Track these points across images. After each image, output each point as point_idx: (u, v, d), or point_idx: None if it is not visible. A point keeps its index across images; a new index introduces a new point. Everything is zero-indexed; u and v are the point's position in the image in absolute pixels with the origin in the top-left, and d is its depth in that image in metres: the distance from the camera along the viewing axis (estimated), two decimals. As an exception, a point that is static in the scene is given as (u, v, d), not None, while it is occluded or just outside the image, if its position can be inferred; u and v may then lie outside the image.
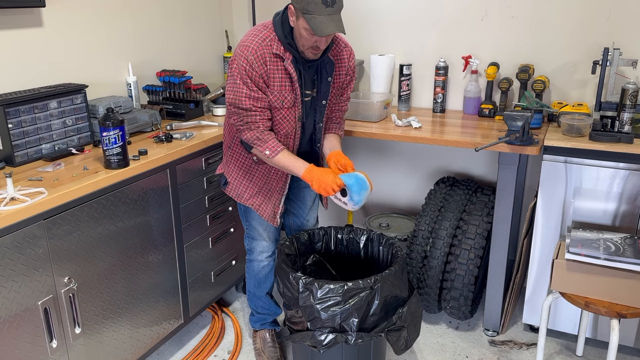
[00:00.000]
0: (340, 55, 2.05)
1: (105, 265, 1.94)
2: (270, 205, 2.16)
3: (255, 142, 1.95)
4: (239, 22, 3.30)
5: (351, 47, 2.11)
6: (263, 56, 1.87)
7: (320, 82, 2.02)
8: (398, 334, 1.96)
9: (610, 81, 2.34)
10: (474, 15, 2.73)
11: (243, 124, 1.94)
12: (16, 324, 1.66)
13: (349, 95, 2.19)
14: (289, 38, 1.89)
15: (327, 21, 1.77)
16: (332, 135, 2.18)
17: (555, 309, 2.39)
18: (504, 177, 2.30)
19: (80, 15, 2.35)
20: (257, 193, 2.15)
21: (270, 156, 1.95)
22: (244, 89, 1.89)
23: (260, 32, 1.91)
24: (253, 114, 1.92)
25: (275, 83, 1.92)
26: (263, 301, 2.39)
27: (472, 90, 2.74)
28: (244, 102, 1.90)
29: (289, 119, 1.99)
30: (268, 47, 1.88)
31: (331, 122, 2.19)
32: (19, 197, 1.66)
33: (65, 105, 2.10)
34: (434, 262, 2.43)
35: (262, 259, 2.31)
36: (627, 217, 2.18)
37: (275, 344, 2.40)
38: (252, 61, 1.86)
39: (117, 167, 1.93)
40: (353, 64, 2.11)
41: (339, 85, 2.09)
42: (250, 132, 1.94)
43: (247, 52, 1.87)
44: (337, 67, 2.05)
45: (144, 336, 2.19)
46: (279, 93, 1.93)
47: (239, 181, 2.16)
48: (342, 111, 2.20)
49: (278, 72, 1.91)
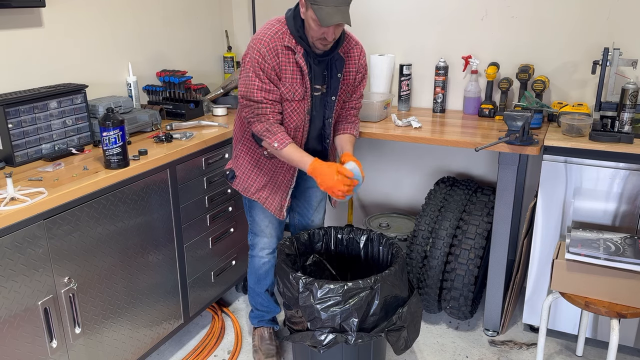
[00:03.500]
0: (350, 53, 2.08)
1: (105, 265, 1.94)
2: (277, 198, 2.18)
3: (265, 134, 1.97)
4: (239, 22, 3.30)
5: (362, 45, 2.14)
6: (275, 48, 1.91)
7: (330, 78, 2.05)
8: (398, 334, 1.96)
9: (610, 81, 2.34)
10: (474, 15, 2.73)
11: (254, 115, 1.97)
12: (16, 324, 1.66)
13: (362, 93, 2.20)
14: (300, 32, 1.93)
15: (333, 12, 1.81)
16: (345, 136, 2.18)
17: (555, 309, 2.39)
18: (504, 177, 2.30)
19: (80, 15, 2.36)
20: (264, 186, 2.17)
21: (278, 148, 1.97)
22: (256, 81, 1.92)
23: (273, 25, 1.95)
24: (264, 106, 1.95)
25: (287, 75, 1.95)
26: (262, 298, 2.41)
27: (472, 90, 2.74)
28: (256, 94, 1.93)
29: (298, 111, 2.02)
30: (280, 40, 1.92)
31: (345, 122, 2.20)
32: (19, 197, 1.66)
33: (65, 105, 2.10)
34: (434, 262, 2.43)
35: (263, 255, 2.32)
36: (627, 217, 2.18)
37: (273, 342, 2.41)
38: (264, 53, 1.90)
39: (117, 167, 1.93)
40: (364, 62, 2.14)
41: (348, 82, 2.11)
42: (260, 124, 1.97)
43: (260, 45, 1.91)
44: (347, 64, 2.07)
45: (144, 336, 2.19)
46: (290, 85, 1.96)
47: (247, 174, 2.18)
48: (355, 109, 2.21)
49: (290, 64, 1.95)
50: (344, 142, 2.15)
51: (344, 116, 2.19)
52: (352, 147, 2.15)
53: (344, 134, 2.18)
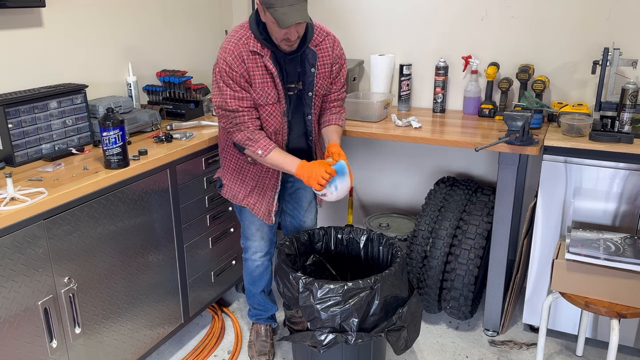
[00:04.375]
0: (321, 45, 2.05)
1: (105, 265, 1.94)
2: (264, 203, 2.18)
3: (247, 143, 1.97)
4: (239, 22, 3.26)
5: (334, 35, 2.11)
6: (240, 55, 1.91)
7: (304, 74, 2.03)
8: (398, 334, 1.96)
9: (610, 81, 2.34)
10: (474, 15, 2.73)
11: (232, 125, 1.97)
12: (16, 324, 1.66)
13: (343, 83, 2.17)
14: (264, 34, 1.92)
15: (289, 12, 1.79)
16: (331, 127, 2.16)
17: (555, 309, 2.39)
18: (504, 177, 2.30)
19: (80, 15, 2.35)
20: (251, 192, 2.18)
21: (262, 155, 1.97)
22: (228, 90, 1.92)
23: (236, 32, 1.95)
24: (240, 114, 1.95)
25: (256, 80, 1.94)
26: (258, 298, 2.43)
27: (472, 90, 2.74)
28: (230, 103, 1.93)
29: (275, 114, 2.01)
30: (245, 46, 1.91)
31: (329, 113, 2.19)
32: (19, 197, 1.66)
33: (65, 105, 2.10)
34: (434, 262, 2.43)
35: (256, 258, 2.33)
36: (627, 217, 2.18)
37: (268, 340, 2.43)
38: (230, 62, 1.90)
39: (117, 167, 1.93)
40: (339, 52, 2.11)
41: (324, 75, 2.08)
42: (240, 133, 1.97)
43: (226, 54, 1.91)
44: (320, 57, 2.05)
45: (144, 336, 2.19)
46: (262, 90, 1.95)
47: (233, 182, 2.19)
48: (339, 99, 2.19)
49: (258, 69, 1.94)
50: (330, 133, 2.14)
51: (327, 108, 2.18)
52: (339, 137, 2.14)
53: (329, 125, 2.17)
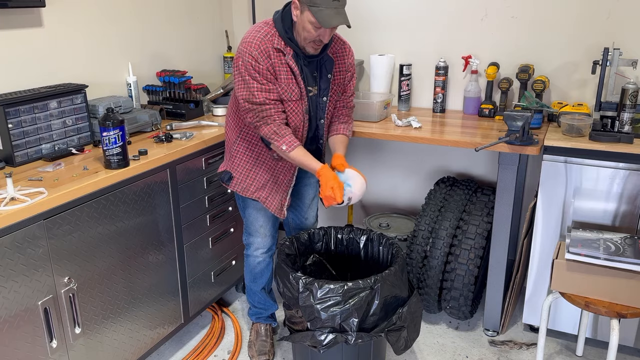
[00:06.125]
0: (339, 53, 2.09)
1: (105, 265, 1.94)
2: (277, 197, 2.19)
3: (273, 137, 1.98)
4: (239, 22, 3.30)
5: (349, 44, 2.15)
6: (266, 50, 1.92)
7: (321, 79, 2.06)
8: (398, 334, 1.96)
9: (610, 81, 2.34)
10: (474, 16, 2.73)
11: (259, 119, 1.97)
12: (16, 324, 1.66)
13: (353, 91, 2.21)
14: (289, 33, 1.94)
15: (333, 14, 1.83)
16: (338, 137, 2.18)
17: (555, 309, 2.39)
18: (504, 177, 2.30)
19: (80, 15, 2.35)
20: (263, 186, 2.17)
21: (287, 151, 1.98)
22: (254, 83, 1.93)
23: (261, 28, 1.96)
24: (267, 107, 1.95)
25: (282, 75, 1.96)
26: (258, 296, 2.43)
27: (472, 90, 2.74)
28: (257, 96, 1.94)
29: (297, 111, 2.02)
30: (270, 42, 1.93)
31: (338, 122, 2.21)
32: (19, 197, 1.66)
33: (65, 105, 2.10)
34: (434, 262, 2.43)
35: (258, 254, 2.33)
36: (627, 217, 2.18)
37: (268, 339, 2.43)
38: (256, 56, 1.91)
39: (117, 167, 1.93)
40: (352, 61, 2.16)
41: (339, 82, 2.12)
42: (267, 126, 1.97)
43: (251, 48, 1.91)
44: (337, 64, 2.09)
45: (144, 336, 2.19)
46: (287, 85, 1.97)
47: (246, 174, 2.18)
48: (348, 108, 2.22)
49: (282, 66, 1.96)
50: (336, 144, 2.16)
51: (336, 116, 2.20)
52: (344, 148, 2.16)
53: (337, 135, 2.18)
